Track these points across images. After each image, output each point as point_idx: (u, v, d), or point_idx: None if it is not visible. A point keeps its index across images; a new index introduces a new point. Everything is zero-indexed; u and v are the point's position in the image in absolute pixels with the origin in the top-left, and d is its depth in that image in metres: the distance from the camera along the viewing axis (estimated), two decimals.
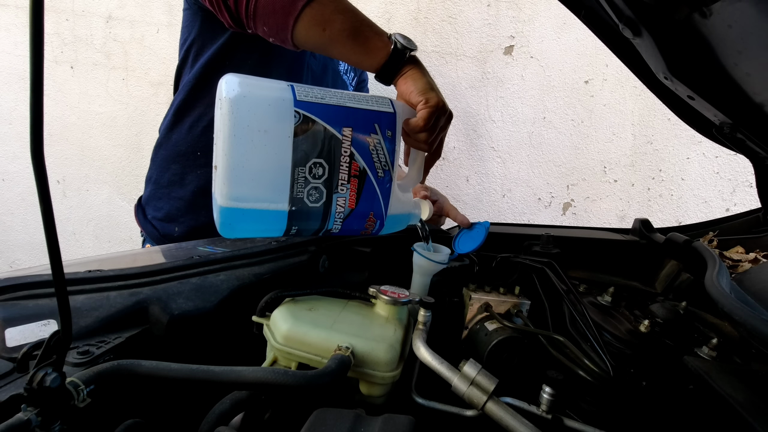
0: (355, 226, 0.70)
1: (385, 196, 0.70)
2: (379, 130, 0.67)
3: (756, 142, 0.75)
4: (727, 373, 0.48)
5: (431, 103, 0.70)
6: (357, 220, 0.70)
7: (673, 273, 0.87)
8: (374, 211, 0.70)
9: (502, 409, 0.48)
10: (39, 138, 0.30)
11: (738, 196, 1.79)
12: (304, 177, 0.63)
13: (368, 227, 0.71)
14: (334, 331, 0.55)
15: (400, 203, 0.73)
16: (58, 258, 0.33)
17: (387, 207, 0.71)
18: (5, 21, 2.02)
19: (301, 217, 0.66)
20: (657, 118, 1.79)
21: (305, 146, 0.62)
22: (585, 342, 0.59)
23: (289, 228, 0.66)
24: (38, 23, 0.28)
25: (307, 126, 0.61)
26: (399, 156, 0.71)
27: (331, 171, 0.64)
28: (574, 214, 1.94)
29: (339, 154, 0.64)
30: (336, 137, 0.63)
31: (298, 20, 0.75)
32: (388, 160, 0.68)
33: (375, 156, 0.67)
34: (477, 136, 1.91)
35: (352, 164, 0.65)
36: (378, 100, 0.68)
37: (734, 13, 0.47)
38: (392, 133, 0.67)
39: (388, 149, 0.67)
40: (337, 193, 0.66)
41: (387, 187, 0.69)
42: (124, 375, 0.44)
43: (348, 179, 0.66)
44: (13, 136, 2.14)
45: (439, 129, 0.73)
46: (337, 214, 0.67)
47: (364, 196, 0.68)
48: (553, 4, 1.71)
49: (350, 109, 0.65)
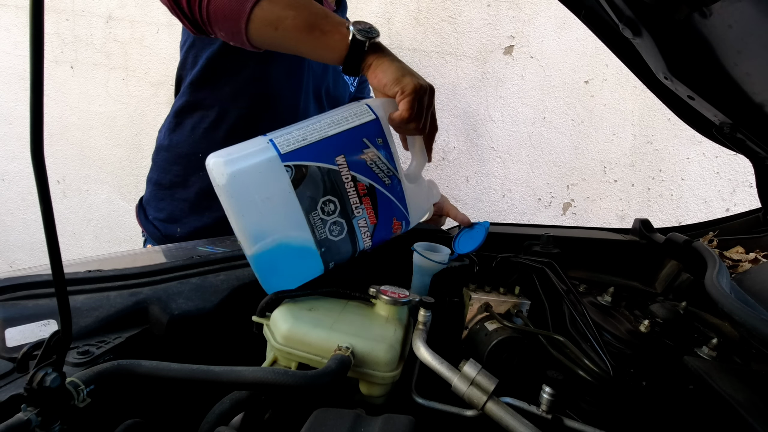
0: (384, 235, 0.71)
1: (399, 198, 0.70)
2: (370, 143, 0.67)
3: (756, 142, 0.75)
4: (727, 373, 0.48)
5: (408, 90, 0.68)
6: (383, 231, 0.71)
7: (673, 273, 0.87)
8: (395, 215, 0.71)
9: (502, 409, 0.48)
10: (39, 138, 0.30)
11: (738, 196, 1.80)
12: (320, 218, 0.65)
13: (396, 230, 0.72)
14: (334, 331, 0.55)
15: (416, 194, 0.73)
16: (58, 258, 0.33)
17: (406, 205, 0.71)
18: (5, 21, 2.02)
19: (333, 252, 0.67)
20: (657, 118, 1.79)
21: (309, 192, 0.63)
22: (585, 342, 0.59)
23: (326, 265, 0.68)
24: (38, 23, 0.28)
25: (302, 173, 0.63)
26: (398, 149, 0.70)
27: (342, 201, 0.65)
28: (574, 214, 1.94)
29: (342, 183, 0.65)
30: (333, 170, 0.64)
31: (249, 22, 0.74)
32: (389, 166, 0.68)
33: (375, 168, 0.67)
34: (477, 136, 1.91)
35: (358, 186, 0.66)
36: (357, 112, 0.67)
37: (734, 13, 0.47)
38: (383, 139, 0.67)
39: (385, 156, 0.67)
40: (355, 217, 0.67)
41: (398, 190, 0.70)
42: (124, 375, 0.44)
43: (360, 201, 0.67)
44: (13, 136, 2.14)
45: (426, 109, 0.71)
46: (363, 234, 0.69)
47: (381, 207, 0.69)
48: (553, 4, 1.71)
49: (334, 137, 0.65)
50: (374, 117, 0.67)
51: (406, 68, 0.73)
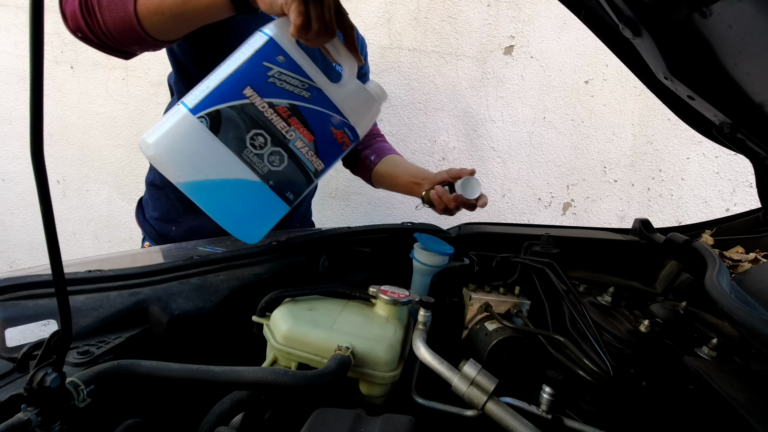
0: (332, 150, 0.72)
1: (328, 106, 0.70)
2: (272, 64, 0.66)
3: (756, 142, 0.75)
4: (727, 373, 0.48)
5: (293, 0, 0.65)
6: (328, 145, 0.71)
7: (673, 273, 0.87)
8: (333, 125, 0.71)
9: (502, 409, 0.48)
10: (39, 138, 0.30)
11: (738, 196, 1.79)
12: (254, 154, 0.66)
13: (341, 139, 0.72)
14: (334, 331, 0.55)
15: (352, 97, 0.72)
16: (58, 258, 0.33)
17: (340, 111, 0.71)
18: (5, 21, 2.02)
19: (284, 182, 0.69)
20: (657, 118, 1.79)
21: (232, 134, 0.65)
22: (585, 342, 0.59)
23: (284, 197, 0.69)
24: (38, 23, 0.28)
25: (217, 119, 0.64)
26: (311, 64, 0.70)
27: (269, 131, 0.67)
28: (574, 214, 1.94)
29: (260, 113, 0.66)
30: (246, 104, 0.65)
31: (141, 25, 0.76)
32: (301, 79, 0.68)
33: (288, 86, 0.67)
34: (477, 136, 1.90)
35: (278, 109, 0.66)
36: (251, 41, 0.67)
37: (734, 13, 0.47)
38: (284, 56, 0.66)
39: (293, 71, 0.67)
40: (290, 141, 0.68)
41: (323, 98, 0.69)
42: (124, 375, 0.44)
43: (287, 123, 0.67)
44: (13, 136, 2.14)
45: (325, 9, 0.67)
46: (306, 155, 0.69)
47: (312, 122, 0.69)
48: (553, 4, 1.71)
49: (234, 74, 0.65)
50: (268, 37, 0.66)
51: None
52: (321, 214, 2.01)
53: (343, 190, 2.00)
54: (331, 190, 2.00)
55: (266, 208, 0.69)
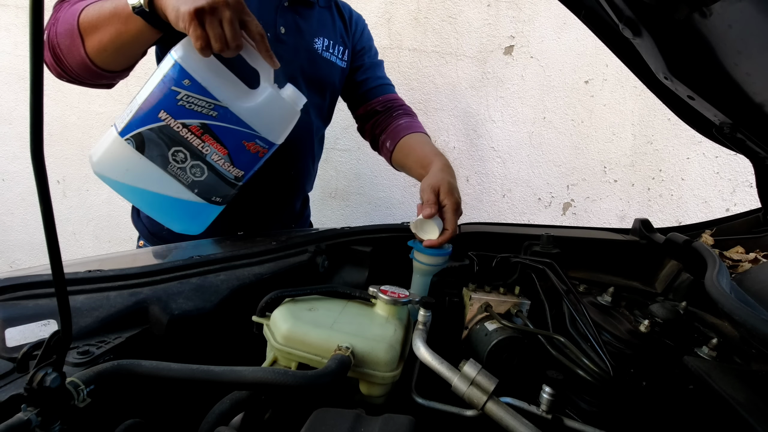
0: (247, 159, 0.79)
1: (236, 122, 0.76)
2: (179, 88, 0.73)
3: (756, 142, 0.75)
4: (727, 373, 0.48)
5: (185, 20, 0.68)
6: (242, 156, 0.79)
7: (673, 273, 0.87)
8: (243, 138, 0.78)
9: (502, 409, 0.48)
10: (39, 138, 0.30)
11: (738, 196, 1.79)
12: (178, 168, 0.76)
13: (255, 150, 0.79)
14: (334, 331, 0.55)
15: (264, 108, 0.78)
16: (58, 258, 0.33)
17: (248, 125, 0.77)
18: (5, 21, 2.02)
19: (207, 189, 0.79)
20: (657, 118, 1.79)
21: (156, 152, 0.74)
22: (585, 342, 0.59)
23: (211, 201, 0.80)
24: (38, 23, 0.28)
25: (141, 140, 0.74)
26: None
27: (187, 147, 0.75)
28: (574, 214, 1.94)
29: (176, 132, 0.74)
30: (162, 126, 0.73)
31: (97, 64, 0.84)
32: (207, 100, 0.74)
33: (196, 107, 0.74)
34: (477, 136, 1.90)
35: (192, 129, 0.74)
36: (163, 64, 0.74)
37: (734, 13, 0.47)
38: (189, 79, 0.73)
39: (199, 93, 0.73)
40: (206, 155, 0.77)
41: (230, 116, 0.76)
42: (124, 375, 0.44)
43: (201, 140, 0.75)
44: (13, 136, 2.13)
45: (222, 24, 0.70)
46: (223, 165, 0.78)
47: (224, 137, 0.76)
48: (553, 4, 1.71)
49: (149, 98, 0.73)
50: (173, 62, 0.72)
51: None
52: (321, 214, 2.01)
53: (343, 190, 2.00)
54: (331, 190, 2.00)
55: (196, 211, 0.80)
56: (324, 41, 1.08)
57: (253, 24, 0.75)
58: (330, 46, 1.09)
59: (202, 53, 0.72)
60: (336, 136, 1.93)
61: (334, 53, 1.11)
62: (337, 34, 1.12)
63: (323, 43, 1.08)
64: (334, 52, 1.11)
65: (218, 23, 0.71)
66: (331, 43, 1.09)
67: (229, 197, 0.83)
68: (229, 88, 0.76)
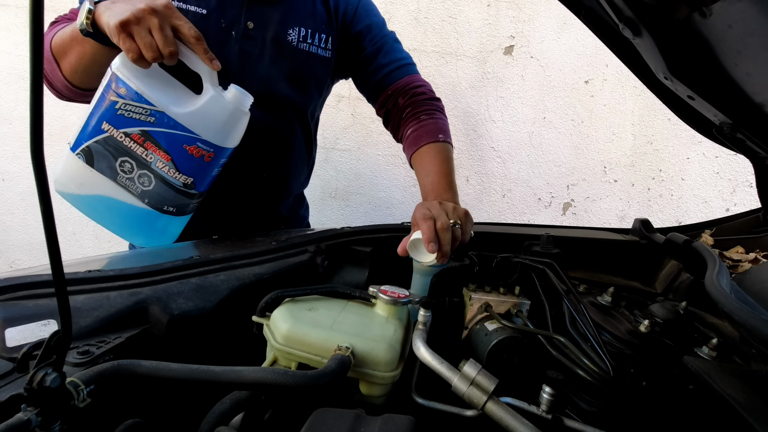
0: (192, 164, 0.79)
1: (175, 126, 0.77)
2: (117, 97, 0.74)
3: (756, 142, 0.75)
4: (727, 373, 0.48)
5: (113, 31, 0.70)
6: (186, 161, 0.79)
7: (673, 273, 0.87)
8: (185, 143, 0.78)
9: (502, 409, 0.48)
10: (39, 138, 0.30)
11: (738, 196, 1.80)
12: (127, 179, 0.78)
13: (199, 154, 0.79)
14: (334, 331, 0.55)
15: (205, 111, 0.78)
16: (58, 258, 0.33)
17: (189, 129, 0.77)
18: (5, 21, 2.01)
19: (158, 199, 0.80)
20: (657, 118, 1.79)
21: (104, 164, 0.77)
22: (585, 342, 0.59)
23: (164, 211, 0.81)
24: (38, 23, 0.28)
25: (89, 153, 0.76)
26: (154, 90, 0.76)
27: (132, 156, 0.77)
28: (574, 214, 1.94)
29: (119, 142, 0.76)
30: (108, 137, 0.76)
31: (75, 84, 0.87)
32: (144, 106, 0.75)
33: (135, 115, 0.75)
34: (477, 136, 1.90)
35: (133, 137, 0.76)
36: (105, 77, 0.76)
37: (734, 13, 0.47)
38: (125, 88, 0.74)
39: (135, 100, 0.75)
40: (151, 163, 0.77)
41: (168, 121, 0.76)
42: (124, 375, 0.44)
43: (144, 147, 0.77)
44: (13, 136, 2.13)
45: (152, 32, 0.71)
46: (168, 173, 0.79)
47: (164, 143, 0.77)
48: (553, 4, 1.71)
49: (93, 110, 0.76)
50: (111, 73, 0.75)
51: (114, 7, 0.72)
52: (321, 214, 2.01)
53: (343, 190, 2.00)
54: (331, 190, 2.00)
55: (151, 222, 0.81)
56: (300, 31, 1.00)
57: (185, 27, 0.74)
58: (308, 36, 1.01)
59: (138, 64, 0.73)
60: (336, 136, 1.93)
61: (313, 43, 1.02)
62: (318, 21, 1.02)
63: (299, 33, 1.00)
64: (314, 42, 1.02)
65: (147, 32, 0.71)
66: (309, 32, 1.01)
67: (186, 207, 0.83)
68: (169, 94, 0.77)
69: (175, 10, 0.75)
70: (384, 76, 1.07)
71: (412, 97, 1.06)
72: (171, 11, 0.74)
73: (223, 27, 0.94)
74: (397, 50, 1.11)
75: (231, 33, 0.95)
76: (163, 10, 0.72)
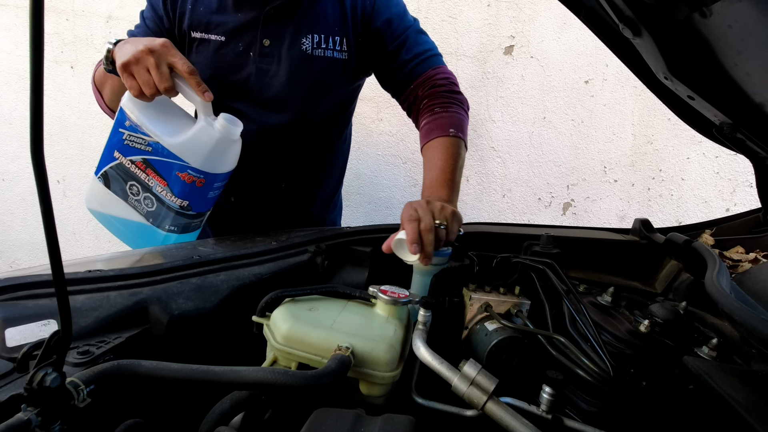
0: (186, 189, 0.88)
1: (168, 155, 0.86)
2: (123, 129, 0.86)
3: (756, 142, 0.75)
4: (727, 373, 0.48)
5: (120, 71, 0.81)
6: (180, 186, 0.88)
7: (673, 273, 0.86)
8: (176, 170, 0.87)
9: (502, 409, 0.48)
10: (39, 138, 0.30)
11: (738, 196, 1.79)
12: (135, 200, 0.91)
13: (191, 180, 0.88)
14: (334, 331, 0.55)
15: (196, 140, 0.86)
16: (58, 258, 0.33)
17: (179, 158, 0.86)
18: (5, 21, 2.02)
19: (159, 219, 0.91)
20: (657, 118, 1.79)
21: (117, 186, 0.91)
22: (585, 342, 0.59)
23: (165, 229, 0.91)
24: (38, 23, 0.28)
25: (106, 178, 0.91)
26: None
27: (138, 181, 0.89)
28: (574, 214, 1.94)
29: (127, 168, 0.88)
30: (119, 165, 0.88)
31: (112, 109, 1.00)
32: (143, 137, 0.86)
33: (136, 145, 0.86)
34: (477, 136, 1.90)
35: (137, 164, 0.87)
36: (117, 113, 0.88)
37: (734, 13, 0.47)
38: (129, 121, 0.85)
39: (136, 131, 0.85)
40: (152, 187, 0.88)
41: (161, 149, 0.86)
42: (124, 375, 0.44)
43: (146, 173, 0.88)
44: (13, 136, 2.14)
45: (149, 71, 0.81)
46: (166, 196, 0.88)
47: (160, 170, 0.87)
48: (553, 4, 1.71)
49: (108, 140, 0.88)
50: (120, 108, 0.86)
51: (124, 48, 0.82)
52: None
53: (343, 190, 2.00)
54: None
55: (153, 237, 0.92)
56: (313, 38, 1.01)
57: (179, 63, 0.82)
58: (321, 41, 1.02)
59: (140, 99, 0.83)
60: None
61: (327, 47, 1.03)
62: (330, 24, 1.03)
63: (312, 40, 1.01)
64: (328, 46, 1.03)
65: (145, 71, 0.80)
66: (322, 37, 1.02)
67: (187, 225, 0.93)
68: (166, 125, 0.86)
69: (172, 48, 0.82)
70: (407, 72, 1.06)
71: (431, 89, 1.05)
72: (167, 50, 0.81)
73: (241, 50, 1.00)
74: (421, 42, 1.08)
75: (249, 54, 1.01)
76: (159, 50, 0.80)
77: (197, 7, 0.99)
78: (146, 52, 0.79)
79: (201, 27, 1.00)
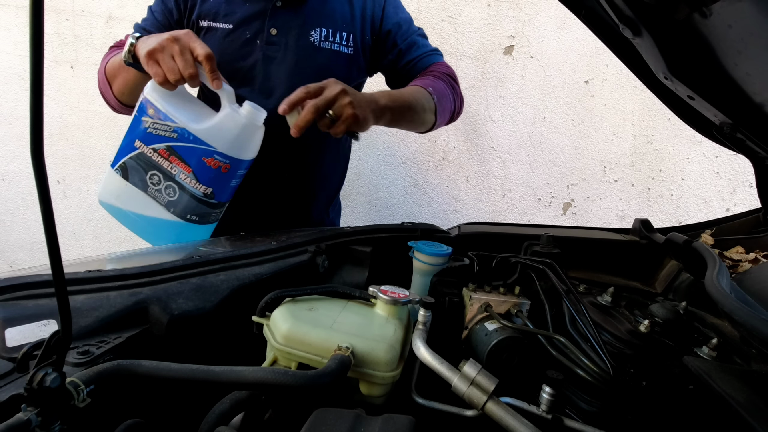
0: (211, 175, 0.88)
1: (194, 141, 0.85)
2: (146, 117, 0.86)
3: (756, 142, 0.75)
4: (727, 373, 0.48)
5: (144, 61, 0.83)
6: (205, 172, 0.87)
7: (673, 273, 0.86)
8: (203, 155, 0.86)
9: (502, 409, 0.48)
10: (39, 138, 0.30)
11: (738, 196, 1.79)
12: (155, 190, 0.89)
13: (216, 165, 0.87)
14: (334, 331, 0.55)
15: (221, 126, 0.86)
16: (58, 258, 0.33)
17: (206, 143, 0.85)
18: (5, 21, 2.02)
19: (181, 208, 0.89)
20: (657, 118, 1.79)
21: (136, 177, 0.88)
22: (585, 342, 0.59)
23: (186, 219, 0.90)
24: (38, 23, 0.28)
25: (125, 169, 0.89)
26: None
27: (160, 170, 0.87)
28: (574, 214, 1.94)
29: (148, 158, 0.86)
30: (138, 153, 0.87)
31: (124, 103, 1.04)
32: (168, 124, 0.85)
33: (160, 132, 0.86)
34: (477, 136, 1.90)
35: (160, 152, 0.86)
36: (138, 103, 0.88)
37: (734, 13, 0.47)
38: (153, 109, 0.85)
39: (162, 118, 0.85)
40: (175, 175, 0.87)
41: (188, 135, 0.85)
42: (124, 375, 0.44)
43: (169, 161, 0.86)
44: (13, 136, 2.13)
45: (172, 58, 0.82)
46: (190, 184, 0.88)
47: (186, 156, 0.86)
48: (553, 4, 1.71)
49: (128, 130, 0.88)
50: (142, 96, 0.87)
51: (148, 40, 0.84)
52: None
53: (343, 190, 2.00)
54: None
55: (176, 230, 0.91)
56: (322, 31, 1.06)
57: (198, 48, 0.83)
58: (329, 35, 1.07)
59: (164, 87, 0.84)
60: None
61: (335, 41, 1.07)
62: (338, 20, 1.08)
63: (320, 33, 1.06)
64: (336, 40, 1.08)
65: (170, 58, 0.82)
66: (330, 31, 1.07)
67: (208, 216, 0.92)
68: (190, 112, 0.86)
69: (194, 36, 0.84)
70: (412, 66, 1.14)
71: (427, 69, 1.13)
72: (189, 37, 0.83)
73: (248, 38, 1.03)
74: (427, 45, 1.18)
75: (256, 42, 1.04)
76: (183, 37, 0.83)
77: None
78: (171, 40, 0.82)
79: (210, 16, 1.04)
